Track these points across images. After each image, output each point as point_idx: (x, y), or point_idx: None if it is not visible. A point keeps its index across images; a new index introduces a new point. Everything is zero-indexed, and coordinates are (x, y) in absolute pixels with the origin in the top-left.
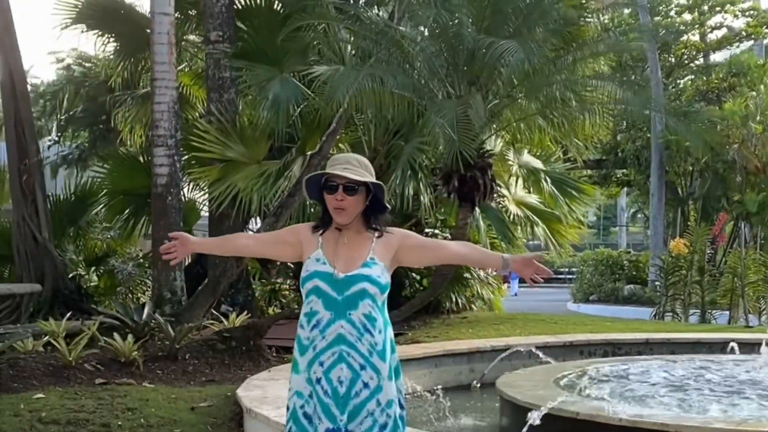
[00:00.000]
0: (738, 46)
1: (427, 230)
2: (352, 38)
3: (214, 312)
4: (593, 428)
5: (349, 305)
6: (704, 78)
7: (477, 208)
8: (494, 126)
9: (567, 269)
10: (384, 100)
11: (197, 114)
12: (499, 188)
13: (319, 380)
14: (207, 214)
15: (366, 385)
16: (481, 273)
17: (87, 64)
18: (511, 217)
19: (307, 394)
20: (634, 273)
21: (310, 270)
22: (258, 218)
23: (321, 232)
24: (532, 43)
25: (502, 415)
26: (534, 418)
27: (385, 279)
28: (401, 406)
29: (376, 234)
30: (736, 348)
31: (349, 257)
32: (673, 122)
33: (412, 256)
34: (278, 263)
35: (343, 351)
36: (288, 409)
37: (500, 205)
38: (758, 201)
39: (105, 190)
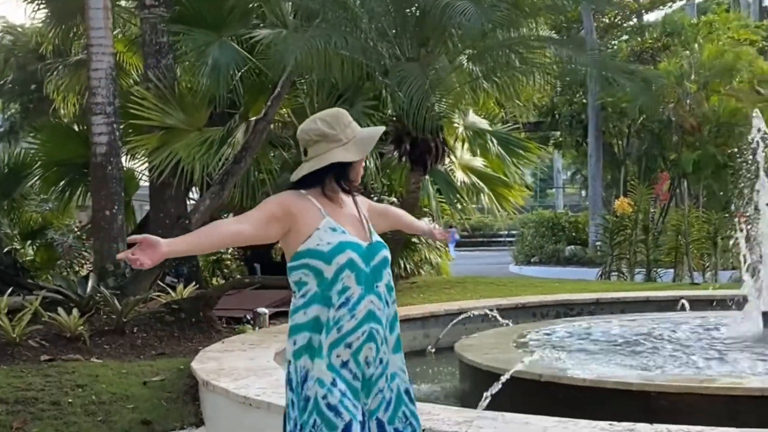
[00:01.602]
0: (671, 6)
1: (373, 196)
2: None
3: (160, 283)
4: (557, 390)
5: (376, 276)
6: (638, 38)
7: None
8: (443, 88)
9: (506, 232)
10: (331, 62)
11: (132, 81)
12: (450, 151)
13: (345, 364)
14: (147, 183)
15: (381, 361)
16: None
17: (16, 31)
18: (458, 182)
19: (329, 382)
20: (573, 234)
21: (334, 242)
22: (196, 188)
23: (308, 198)
24: (484, 3)
25: (463, 380)
26: (499, 382)
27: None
28: (405, 380)
29: (350, 195)
30: (687, 305)
31: (354, 224)
32: (622, 80)
33: (374, 220)
34: None
35: (373, 328)
36: (299, 401)
37: (449, 169)
38: (693, 159)
39: (39, 162)
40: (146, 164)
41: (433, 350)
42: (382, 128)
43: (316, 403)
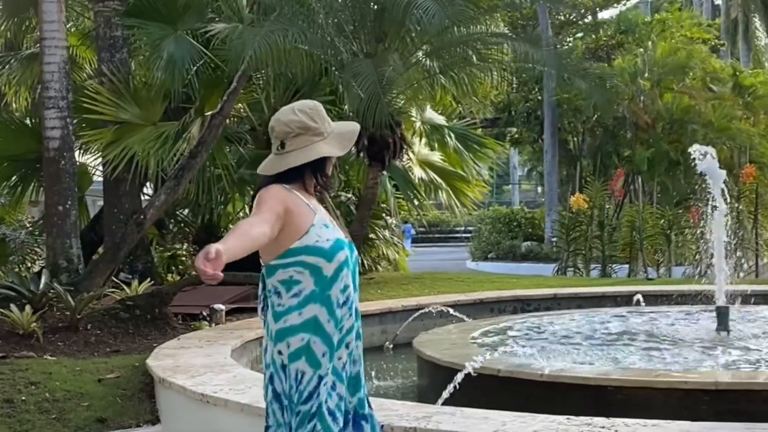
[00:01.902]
0: (625, 4)
1: (330, 192)
2: None
3: (114, 280)
4: (515, 385)
5: (355, 272)
6: (593, 36)
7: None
8: (402, 84)
9: (463, 228)
10: (288, 57)
11: (86, 75)
12: (408, 147)
13: (345, 365)
14: (101, 178)
15: (359, 357)
16: (386, 233)
17: None
18: (416, 179)
19: (330, 386)
20: (530, 230)
21: (332, 238)
22: (150, 183)
23: (295, 193)
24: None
25: (421, 376)
26: (459, 377)
27: None
28: None
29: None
30: (642, 300)
31: (332, 220)
32: (578, 78)
33: None
34: (173, 227)
35: (357, 326)
36: (291, 405)
37: (406, 165)
38: (647, 157)
39: None
40: (100, 159)
41: (391, 346)
42: (357, 125)
43: (319, 408)
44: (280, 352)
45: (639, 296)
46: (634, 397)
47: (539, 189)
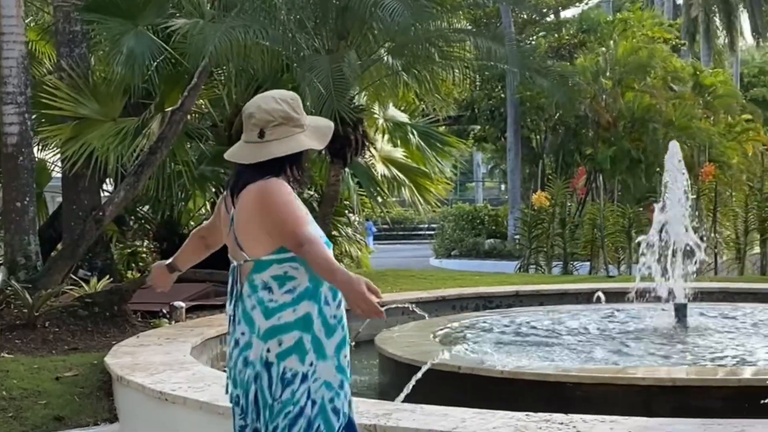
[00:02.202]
0: (587, 3)
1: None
2: None
3: (73, 277)
4: (476, 381)
5: None
6: (556, 35)
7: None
8: (364, 81)
9: (426, 225)
10: (249, 53)
11: (45, 71)
12: (370, 144)
13: (350, 363)
14: (60, 174)
15: None
16: (349, 230)
17: None
18: (379, 176)
19: (337, 385)
20: (493, 227)
21: (323, 235)
22: (110, 179)
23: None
24: None
25: (382, 373)
26: (419, 374)
27: None
28: None
29: None
30: (603, 297)
31: None
32: (540, 77)
33: None
34: (133, 224)
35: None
36: (276, 403)
37: (369, 162)
38: (609, 155)
39: None
40: (59, 155)
41: (353, 343)
42: (331, 122)
43: (322, 408)
44: (268, 350)
45: (600, 293)
46: (594, 393)
47: (503, 186)
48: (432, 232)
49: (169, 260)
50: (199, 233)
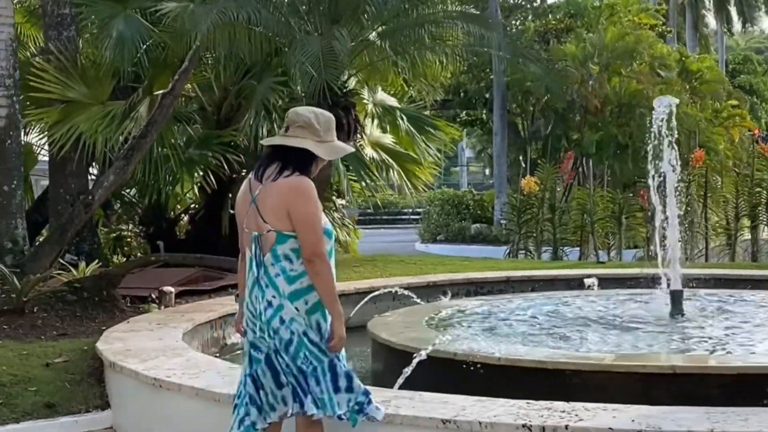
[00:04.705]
0: None
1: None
2: None
3: (61, 261)
4: (471, 368)
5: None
6: (542, 20)
7: None
8: (355, 65)
9: (411, 210)
10: (239, 36)
11: (29, 53)
12: (361, 128)
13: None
14: (46, 158)
15: None
16: (336, 215)
17: None
18: (368, 159)
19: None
20: (479, 212)
21: (327, 222)
22: (95, 163)
23: None
24: None
25: (375, 360)
26: (413, 363)
27: None
28: None
29: None
30: (595, 283)
31: None
32: (531, 64)
33: None
34: (119, 208)
35: None
36: (318, 348)
37: (358, 145)
38: (596, 140)
39: None
40: (45, 138)
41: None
42: (353, 149)
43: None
44: (297, 309)
45: (594, 279)
46: (592, 381)
47: (487, 171)
48: (417, 217)
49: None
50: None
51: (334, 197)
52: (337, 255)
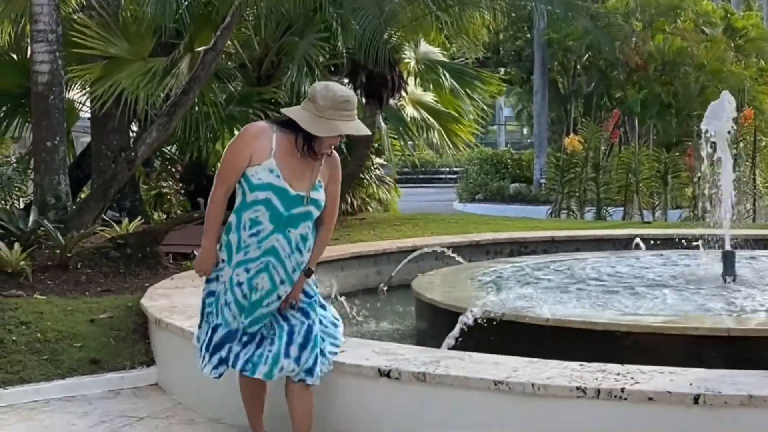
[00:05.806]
0: None
1: None
2: None
3: (104, 218)
4: (519, 329)
5: (291, 223)
6: None
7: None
8: (402, 20)
9: (448, 169)
10: None
11: (71, 9)
12: (405, 84)
13: (240, 284)
14: (87, 115)
15: (279, 298)
16: (377, 172)
17: None
18: (408, 118)
19: (227, 287)
20: (518, 171)
21: (263, 180)
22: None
23: (274, 137)
24: None
25: (420, 319)
26: (465, 321)
27: (324, 200)
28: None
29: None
30: (641, 243)
31: (301, 175)
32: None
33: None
34: (159, 165)
35: (271, 263)
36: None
37: (399, 104)
38: (640, 99)
39: None
40: (86, 95)
41: (386, 288)
42: (355, 130)
43: (218, 298)
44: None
45: (639, 239)
46: (643, 343)
47: (525, 131)
48: (454, 177)
49: None
50: None
51: (372, 155)
52: (378, 213)
